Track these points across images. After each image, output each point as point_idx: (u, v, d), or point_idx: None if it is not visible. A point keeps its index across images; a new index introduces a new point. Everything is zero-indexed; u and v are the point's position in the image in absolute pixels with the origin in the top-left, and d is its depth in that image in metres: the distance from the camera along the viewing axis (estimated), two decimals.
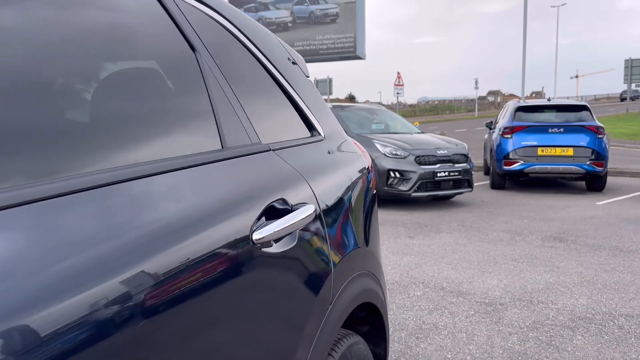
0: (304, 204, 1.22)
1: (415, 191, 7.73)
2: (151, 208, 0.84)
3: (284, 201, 1.16)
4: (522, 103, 10.37)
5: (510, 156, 9.35)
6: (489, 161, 10.83)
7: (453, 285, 4.21)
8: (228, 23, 1.31)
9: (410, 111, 62.67)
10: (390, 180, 7.74)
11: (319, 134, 1.60)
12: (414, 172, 7.70)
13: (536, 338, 3.17)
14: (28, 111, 0.76)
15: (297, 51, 1.82)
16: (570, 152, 9.09)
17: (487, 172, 11.48)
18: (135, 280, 0.74)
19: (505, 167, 9.42)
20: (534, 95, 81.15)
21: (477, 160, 12.65)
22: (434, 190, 7.92)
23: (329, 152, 1.58)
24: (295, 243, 1.14)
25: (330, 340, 1.28)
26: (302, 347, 1.18)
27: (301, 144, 1.44)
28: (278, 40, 1.59)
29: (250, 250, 0.99)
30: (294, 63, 1.62)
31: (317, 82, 21.15)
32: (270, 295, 1.06)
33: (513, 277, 4.41)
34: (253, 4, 19.32)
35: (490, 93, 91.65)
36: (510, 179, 10.48)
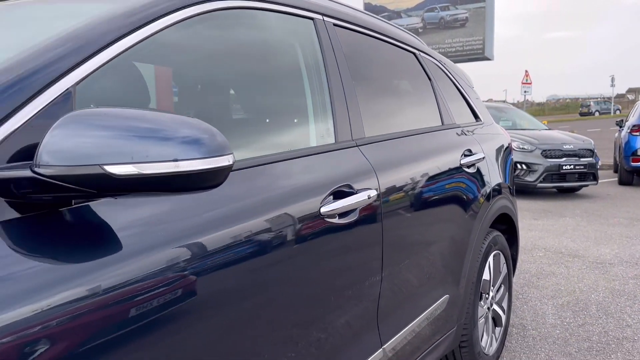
0: (478, 152, 2.45)
1: (540, 182, 8.52)
2: (421, 145, 2.12)
3: (470, 150, 2.40)
4: None
5: (638, 153, 9.68)
6: (617, 158, 11.11)
7: (570, 251, 5.15)
8: (440, 64, 2.58)
9: (538, 110, 60.34)
10: (517, 171, 8.60)
11: (481, 120, 2.82)
12: (540, 164, 8.49)
13: (635, 283, 4.09)
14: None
15: None
16: None
17: (616, 170, 11.72)
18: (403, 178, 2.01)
19: (632, 164, 9.77)
20: None
21: (609, 159, 12.85)
22: (559, 181, 8.64)
23: (487, 130, 2.80)
24: (476, 170, 2.38)
25: (489, 223, 2.50)
26: (476, 222, 2.41)
27: (473, 125, 2.67)
28: (459, 69, 2.84)
29: (460, 169, 2.25)
30: (467, 80, 2.86)
31: None
32: (469, 192, 2.30)
33: (624, 248, 5.24)
34: (387, 13, 20.74)
35: (630, 91, 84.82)
36: (639, 176, 10.72)
